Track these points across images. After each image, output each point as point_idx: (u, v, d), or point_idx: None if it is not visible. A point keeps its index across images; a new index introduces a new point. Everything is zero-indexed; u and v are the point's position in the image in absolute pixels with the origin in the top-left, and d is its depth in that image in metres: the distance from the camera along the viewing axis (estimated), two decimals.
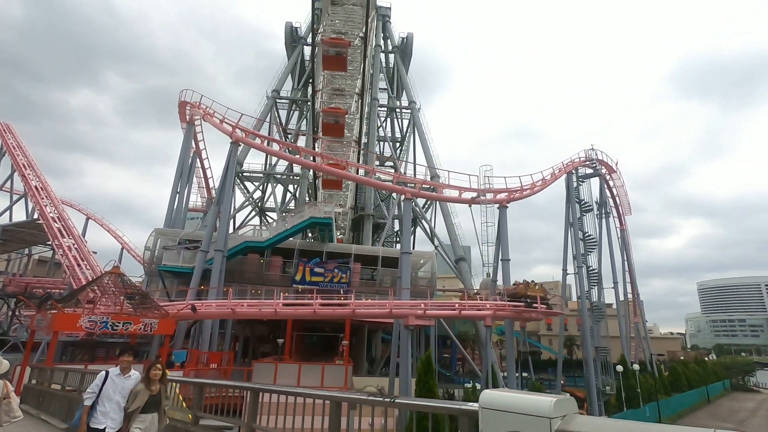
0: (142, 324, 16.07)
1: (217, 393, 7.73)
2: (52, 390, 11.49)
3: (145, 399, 5.35)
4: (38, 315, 16.26)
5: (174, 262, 26.83)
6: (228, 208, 26.29)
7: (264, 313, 19.53)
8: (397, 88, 60.19)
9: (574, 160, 34.65)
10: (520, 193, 28.71)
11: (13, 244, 43.83)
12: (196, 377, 17.79)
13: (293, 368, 19.06)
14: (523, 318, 22.29)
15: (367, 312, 19.93)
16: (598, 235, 37.37)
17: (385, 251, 32.06)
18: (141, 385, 5.46)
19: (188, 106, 34.20)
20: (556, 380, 36.92)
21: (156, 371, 5.55)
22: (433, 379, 17.99)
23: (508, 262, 26.58)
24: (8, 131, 48.77)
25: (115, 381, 5.46)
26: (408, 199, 24.54)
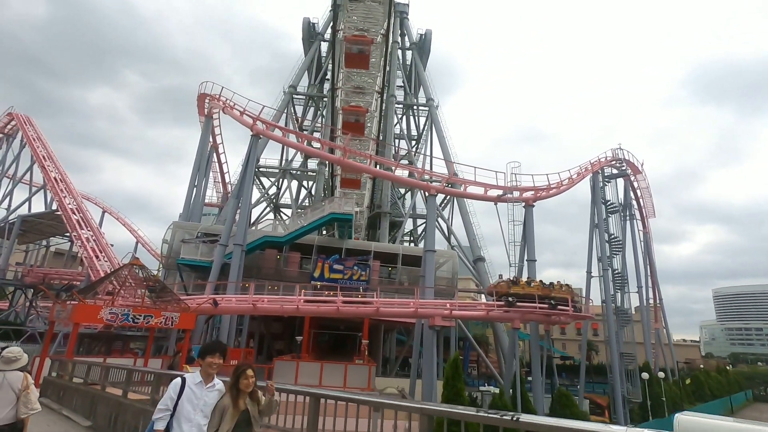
0: (163, 317, 15.58)
1: None
2: (74, 384, 11.00)
3: (234, 419, 3.82)
4: (58, 306, 15.88)
5: (192, 256, 26.46)
6: (248, 201, 25.82)
7: (285, 309, 18.96)
8: (415, 85, 59.42)
9: (600, 159, 33.54)
10: (547, 191, 27.78)
11: (32, 235, 44.08)
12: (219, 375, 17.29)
13: (314, 367, 18.47)
14: (552, 321, 21.40)
15: (392, 311, 19.24)
16: (622, 238, 36.22)
17: (405, 249, 31.35)
18: (227, 399, 3.88)
19: (207, 98, 33.88)
20: (572, 386, 35.80)
21: (247, 380, 3.90)
22: (461, 383, 17.23)
23: (534, 262, 25.70)
24: (28, 123, 49.12)
25: (195, 392, 3.89)
26: (432, 195, 23.80)
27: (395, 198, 48.13)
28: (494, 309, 19.07)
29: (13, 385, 4.87)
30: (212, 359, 4.02)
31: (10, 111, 51.87)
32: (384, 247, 31.05)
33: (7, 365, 4.98)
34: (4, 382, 4.85)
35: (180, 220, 31.15)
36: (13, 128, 52.15)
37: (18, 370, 5.06)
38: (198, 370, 4.10)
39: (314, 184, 49.49)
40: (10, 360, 5.02)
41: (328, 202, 27.87)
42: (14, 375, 4.95)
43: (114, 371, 9.80)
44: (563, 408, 22.95)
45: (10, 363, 5.01)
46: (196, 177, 36.10)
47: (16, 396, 4.83)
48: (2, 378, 4.86)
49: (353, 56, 36.82)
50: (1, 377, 4.87)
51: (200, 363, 4.14)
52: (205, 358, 4.04)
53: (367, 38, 39.31)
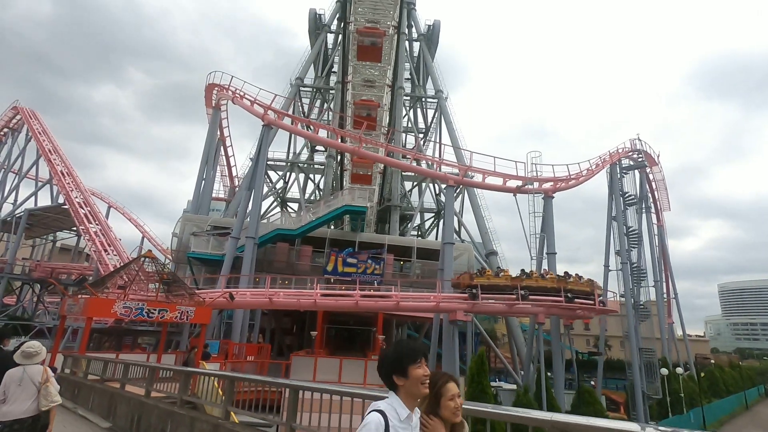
0: (178, 312, 14.98)
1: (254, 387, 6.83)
2: (89, 382, 10.40)
3: None
4: (69, 300, 15.29)
5: (203, 249, 25.85)
6: (260, 193, 25.15)
7: (302, 303, 18.33)
8: (422, 77, 58.42)
9: (619, 150, 32.65)
10: (566, 182, 26.99)
11: (38, 230, 43.65)
12: (233, 370, 16.71)
13: (333, 363, 17.85)
14: (576, 316, 20.70)
15: (412, 305, 18.58)
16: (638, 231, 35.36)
17: (420, 242, 30.67)
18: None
19: (215, 89, 33.13)
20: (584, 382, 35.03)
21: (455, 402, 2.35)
22: (486, 380, 16.62)
23: (554, 255, 24.95)
24: (33, 117, 48.61)
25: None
26: (450, 186, 23.06)
27: (405, 191, 47.36)
28: (519, 303, 18.35)
29: (33, 378, 4.97)
30: (420, 370, 2.21)
31: (15, 105, 51.32)
32: (398, 241, 30.35)
33: (27, 359, 5.09)
34: (25, 375, 4.94)
35: (189, 213, 30.51)
36: (18, 122, 51.66)
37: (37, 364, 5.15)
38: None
39: (323, 178, 48.76)
40: (30, 354, 5.12)
41: (341, 194, 27.15)
42: (34, 369, 5.05)
43: (134, 368, 9.17)
44: (586, 405, 22.29)
45: (30, 357, 5.11)
46: (204, 170, 35.50)
47: (36, 389, 4.95)
48: (23, 372, 4.96)
49: (366, 49, 35.91)
50: (21, 371, 4.96)
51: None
52: (407, 371, 2.20)
53: (379, 30, 38.37)
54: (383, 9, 45.55)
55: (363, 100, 38.26)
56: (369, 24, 40.61)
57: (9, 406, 4.80)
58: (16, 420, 4.77)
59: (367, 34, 35.54)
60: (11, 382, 4.90)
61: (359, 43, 35.81)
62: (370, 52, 36.08)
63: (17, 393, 4.86)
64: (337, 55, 58.20)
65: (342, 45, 49.75)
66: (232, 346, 18.02)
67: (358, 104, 37.19)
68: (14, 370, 5.01)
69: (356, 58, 40.48)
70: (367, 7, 45.87)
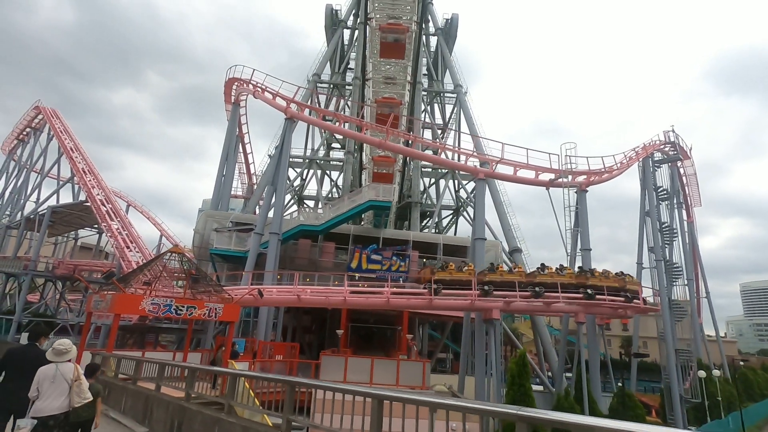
0: (206, 309, 14.40)
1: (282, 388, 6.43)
2: (121, 383, 9.81)
3: None
4: (96, 296, 14.82)
5: (225, 246, 25.39)
6: (282, 188, 24.56)
7: (331, 300, 17.63)
8: (441, 72, 57.37)
9: (654, 142, 31.26)
10: (599, 176, 25.80)
11: (61, 227, 43.93)
12: (262, 370, 16.11)
13: (364, 363, 17.12)
14: (617, 315, 19.60)
15: (446, 303, 17.72)
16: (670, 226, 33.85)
17: (446, 238, 29.82)
18: None
19: (235, 84, 32.70)
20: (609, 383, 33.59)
21: None
22: (528, 382, 15.69)
23: (588, 252, 23.84)
24: (55, 116, 49.01)
25: None
26: (481, 179, 22.12)
27: (425, 187, 46.43)
28: (559, 301, 17.36)
29: (65, 375, 5.09)
30: None
31: (37, 105, 51.84)
32: (422, 237, 29.54)
33: (59, 357, 5.18)
34: (57, 373, 5.05)
35: (210, 210, 30.13)
36: (40, 122, 52.21)
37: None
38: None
39: (341, 175, 48.10)
40: (62, 352, 5.21)
41: (364, 190, 26.41)
42: (66, 366, 5.17)
43: (170, 369, 8.53)
44: (626, 409, 21.17)
45: (61, 355, 5.20)
46: (224, 166, 35.12)
47: (68, 386, 5.06)
48: (55, 369, 5.07)
49: (389, 45, 35.02)
50: (54, 368, 5.07)
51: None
52: None
53: (402, 26, 37.44)
54: (402, 4, 44.68)
55: (385, 98, 37.38)
56: (391, 20, 39.71)
57: (43, 402, 4.91)
58: (50, 416, 4.88)
59: (390, 30, 34.64)
60: (45, 379, 5.00)
61: (382, 40, 34.94)
62: (393, 49, 35.17)
63: (50, 390, 4.97)
64: (354, 51, 57.63)
65: (361, 41, 48.95)
66: (261, 345, 17.42)
67: (379, 102, 36.34)
68: (47, 367, 5.10)
69: (379, 55, 39.66)
70: (387, 2, 45.06)
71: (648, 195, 31.58)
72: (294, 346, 18.06)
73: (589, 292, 17.78)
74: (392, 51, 35.31)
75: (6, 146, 55.67)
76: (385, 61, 43.57)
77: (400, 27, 34.72)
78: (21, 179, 50.17)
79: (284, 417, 4.89)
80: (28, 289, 34.73)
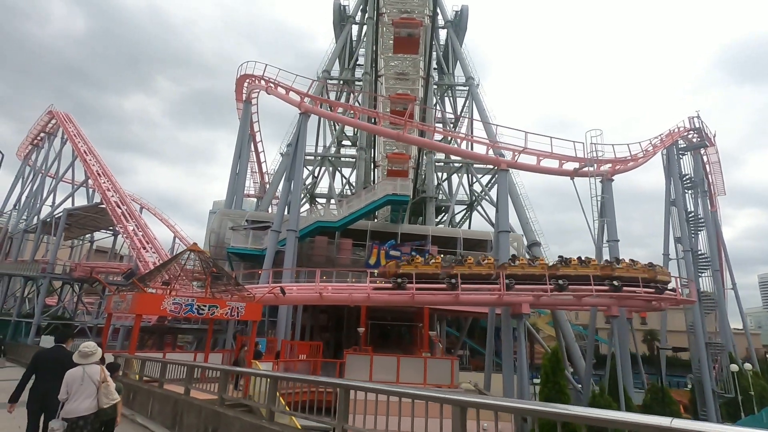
0: (228, 308, 13.97)
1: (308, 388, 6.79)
2: (146, 386, 9.38)
3: None
4: (116, 297, 14.50)
5: (242, 244, 25.05)
6: (299, 184, 24.10)
7: (354, 298, 17.12)
8: (451, 65, 56.49)
9: (680, 128, 30.19)
10: (625, 164, 24.89)
11: (76, 230, 44.14)
12: (286, 370, 15.66)
13: (390, 361, 16.59)
14: (653, 308, 18.77)
15: (473, 298, 17.09)
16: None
17: (465, 233, 29.15)
18: None
19: (247, 82, 32.31)
20: None
21: None
22: (563, 379, 15.02)
23: (616, 243, 22.97)
24: (68, 120, 49.26)
25: None
26: (503, 170, 21.40)
27: (438, 182, 45.72)
28: (591, 294, 16.62)
29: (93, 377, 5.17)
30: None
31: (50, 109, 52.16)
32: (441, 231, 28.92)
33: (85, 359, 5.27)
34: (85, 375, 5.14)
35: (224, 209, 29.82)
36: (53, 127, 52.55)
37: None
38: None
39: (354, 171, 47.56)
40: (87, 354, 5.30)
41: (381, 184, 25.83)
42: (93, 368, 5.25)
43: (198, 371, 8.05)
44: (660, 405, 20.35)
45: (87, 357, 5.29)
46: (237, 165, 34.83)
47: (96, 387, 5.16)
48: (83, 371, 5.16)
49: (402, 40, 34.28)
50: (82, 370, 5.17)
51: None
52: None
53: (416, 20, 36.69)
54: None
55: (398, 95, 36.67)
56: (404, 15, 38.93)
57: (72, 403, 5.01)
58: (80, 417, 5.00)
59: (404, 25, 33.88)
60: (73, 381, 5.09)
61: (396, 35, 34.23)
62: (407, 44, 34.44)
63: (79, 391, 5.06)
64: (363, 48, 57.10)
65: (370, 37, 48.32)
66: (284, 344, 16.98)
67: (393, 98, 35.67)
68: (75, 369, 5.19)
69: (392, 51, 38.99)
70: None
71: (673, 183, 30.54)
72: (317, 344, 17.59)
73: (615, 284, 17.02)
74: (406, 46, 34.58)
75: (21, 152, 56.17)
76: (396, 56, 42.83)
77: (413, 21, 33.99)
78: (36, 184, 50.57)
79: (338, 425, 4.34)
80: (47, 292, 34.85)
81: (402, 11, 41.50)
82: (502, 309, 19.51)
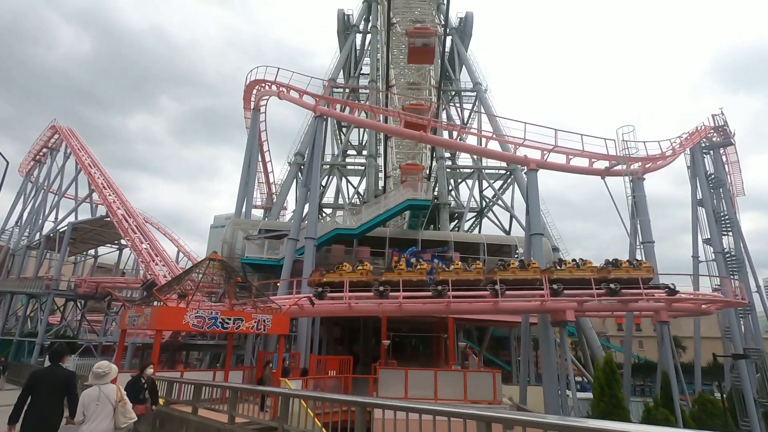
0: (254, 321, 12.80)
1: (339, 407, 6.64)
2: (178, 413, 8.15)
3: None
4: (131, 311, 13.31)
5: (257, 254, 23.90)
6: (316, 190, 23.05)
7: (385, 308, 15.92)
8: (457, 71, 56.08)
9: (705, 126, 29.33)
10: (654, 162, 23.87)
11: (80, 245, 42.97)
12: (316, 388, 14.38)
13: (427, 376, 15.29)
14: (702, 311, 17.50)
15: (513, 305, 15.89)
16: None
17: (489, 238, 27.97)
18: None
19: (256, 88, 31.51)
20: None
21: None
22: (621, 391, 13.72)
23: (651, 244, 21.80)
24: (72, 135, 48.55)
25: None
26: (532, 170, 20.37)
27: (449, 189, 44.63)
28: (641, 298, 15.43)
29: (109, 397, 5.02)
30: None
31: (53, 124, 51.47)
32: (463, 237, 27.82)
33: (100, 379, 5.10)
34: (102, 395, 5.00)
35: (236, 218, 28.73)
36: (56, 142, 51.84)
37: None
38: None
39: (362, 180, 46.58)
40: (101, 375, 5.13)
41: (403, 188, 24.79)
42: (109, 388, 5.12)
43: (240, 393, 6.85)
44: (710, 417, 18.95)
45: (102, 377, 5.12)
46: (246, 174, 33.82)
47: (113, 407, 5.01)
48: (99, 391, 5.02)
49: (417, 50, 33.63)
50: (98, 391, 5.03)
51: None
52: None
53: (430, 30, 36.22)
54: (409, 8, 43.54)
55: (412, 104, 35.82)
56: (418, 24, 38.62)
57: (90, 424, 4.88)
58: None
59: (418, 35, 33.27)
60: (90, 401, 4.95)
61: (410, 44, 33.60)
62: (422, 54, 33.87)
63: (97, 412, 4.91)
64: (368, 57, 56.89)
65: (381, 45, 47.94)
66: (313, 360, 15.71)
67: (407, 108, 34.81)
68: (91, 390, 5.06)
69: (407, 61, 38.55)
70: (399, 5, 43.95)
71: (699, 183, 29.54)
72: (347, 359, 16.33)
73: (612, 287, 15.43)
74: (421, 56, 34.10)
75: (23, 168, 55.35)
76: (406, 65, 42.25)
77: (428, 31, 33.54)
78: (38, 200, 49.60)
79: None
80: (50, 310, 33.57)
81: (415, 21, 41.25)
82: (539, 317, 18.31)
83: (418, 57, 34.46)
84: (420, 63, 35.96)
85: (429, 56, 34.32)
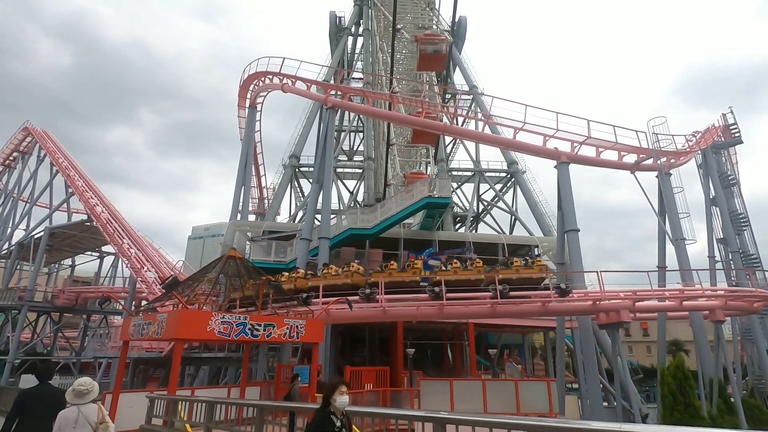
0: (287, 327, 10.92)
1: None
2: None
3: None
4: (136, 319, 11.23)
5: (264, 257, 21.87)
6: (329, 186, 21.30)
7: (423, 312, 14.25)
8: (451, 74, 55.57)
9: (718, 125, 29.05)
10: (678, 158, 23.11)
11: (56, 254, 39.68)
12: (355, 404, 12.50)
13: (474, 387, 13.64)
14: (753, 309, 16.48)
15: (563, 307, 14.43)
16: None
17: (508, 238, 26.67)
18: None
19: (254, 82, 29.63)
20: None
21: None
22: (695, 398, 12.36)
23: (683, 242, 20.82)
24: (47, 137, 45.38)
25: None
26: (564, 163, 19.19)
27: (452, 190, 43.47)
28: (701, 296, 14.22)
29: (89, 418, 4.57)
30: None
31: (25, 126, 48.03)
32: (482, 237, 26.43)
33: (80, 398, 4.66)
34: (80, 416, 4.55)
35: (236, 220, 26.60)
36: (29, 145, 48.45)
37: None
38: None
39: (360, 183, 44.96)
40: (82, 393, 4.68)
41: (420, 185, 23.27)
42: (89, 408, 4.66)
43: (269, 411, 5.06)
44: (759, 423, 17.88)
45: (82, 396, 4.67)
46: (243, 176, 31.72)
47: (92, 430, 4.56)
48: (78, 412, 4.56)
49: (428, 57, 32.63)
50: (76, 411, 4.57)
51: None
52: None
53: (440, 36, 35.47)
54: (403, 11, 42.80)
55: (419, 113, 34.68)
56: (428, 31, 37.97)
57: None
58: None
59: (429, 41, 32.32)
60: (66, 424, 4.49)
61: (421, 51, 32.59)
62: (433, 61, 33.01)
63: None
64: (360, 61, 56.15)
65: (368, 48, 47.04)
66: (349, 372, 13.80)
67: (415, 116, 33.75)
68: (68, 410, 4.60)
69: (416, 68, 37.73)
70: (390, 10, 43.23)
71: (712, 182, 29.10)
72: (384, 370, 14.50)
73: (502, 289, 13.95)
74: (432, 63, 33.32)
75: None
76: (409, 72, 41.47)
77: (438, 37, 32.75)
78: (8, 208, 45.88)
79: None
80: (23, 324, 30.37)
81: (418, 26, 40.61)
82: (579, 320, 16.96)
83: (428, 64, 33.71)
84: (430, 70, 35.42)
85: (440, 63, 33.65)
